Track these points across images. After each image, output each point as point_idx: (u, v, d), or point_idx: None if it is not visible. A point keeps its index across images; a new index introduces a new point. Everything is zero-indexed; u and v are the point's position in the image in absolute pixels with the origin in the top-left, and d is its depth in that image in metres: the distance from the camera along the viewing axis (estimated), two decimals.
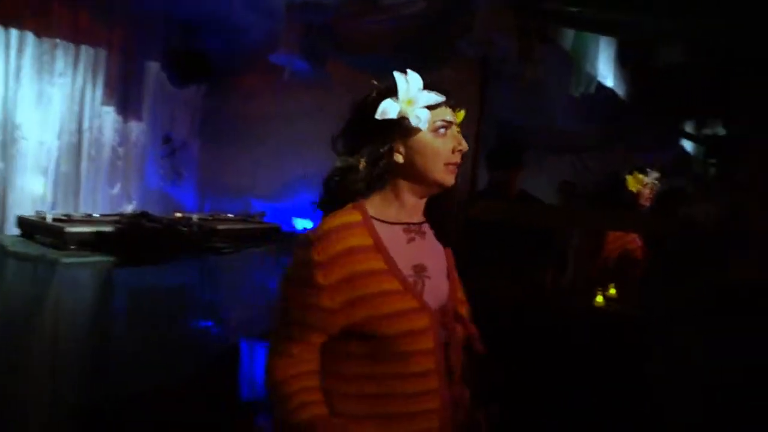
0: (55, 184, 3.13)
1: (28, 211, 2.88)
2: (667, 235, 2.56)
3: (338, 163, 1.12)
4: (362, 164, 1.10)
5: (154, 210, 3.23)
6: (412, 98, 1.09)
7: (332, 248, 1.06)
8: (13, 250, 2.36)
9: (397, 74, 1.11)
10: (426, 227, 1.19)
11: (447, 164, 1.11)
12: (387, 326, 1.05)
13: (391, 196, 1.14)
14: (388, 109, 1.09)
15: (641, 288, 2.52)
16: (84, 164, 3.22)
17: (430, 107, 1.10)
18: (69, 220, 2.59)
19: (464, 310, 1.20)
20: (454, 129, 1.13)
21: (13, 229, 2.83)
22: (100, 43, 3.23)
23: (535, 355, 2.07)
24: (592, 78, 3.01)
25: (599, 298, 2.35)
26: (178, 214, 2.90)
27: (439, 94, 1.11)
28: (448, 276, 1.19)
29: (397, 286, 1.07)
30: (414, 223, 1.16)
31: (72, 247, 2.32)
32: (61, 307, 2.19)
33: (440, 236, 1.20)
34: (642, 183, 2.84)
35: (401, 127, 1.09)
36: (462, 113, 1.20)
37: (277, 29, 2.78)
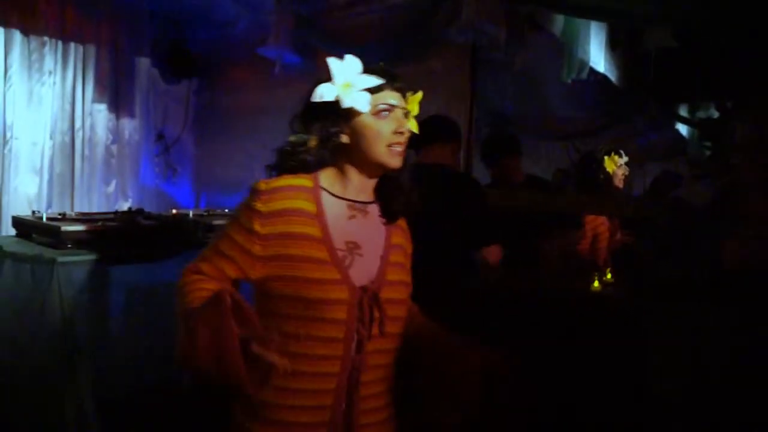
0: (50, 183, 3.13)
1: (23, 212, 2.88)
2: (665, 218, 2.58)
3: (291, 138, 1.19)
4: (312, 142, 1.17)
5: (149, 207, 3.24)
6: (348, 82, 1.14)
7: (276, 203, 1.14)
8: (10, 250, 2.37)
9: (330, 60, 1.15)
10: (372, 207, 1.24)
11: (389, 146, 1.16)
12: (305, 290, 1.11)
13: (339, 173, 1.20)
14: (324, 93, 1.15)
15: (636, 272, 2.54)
16: (78, 163, 3.22)
17: (371, 90, 1.15)
18: (64, 219, 2.59)
19: (398, 293, 1.22)
20: (399, 112, 1.17)
21: (9, 230, 2.84)
22: (89, 40, 3.22)
23: (532, 341, 2.08)
24: (583, 63, 3.01)
25: (596, 284, 2.36)
26: (174, 211, 2.90)
27: (378, 77, 1.15)
28: (384, 256, 1.22)
29: (324, 256, 1.14)
30: (359, 202, 1.21)
31: (68, 245, 2.32)
32: (59, 306, 2.20)
33: (386, 216, 1.24)
34: (617, 164, 2.90)
35: (344, 110, 1.15)
36: (417, 96, 1.24)
37: (266, 22, 2.77)
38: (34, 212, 2.74)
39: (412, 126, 1.24)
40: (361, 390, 1.17)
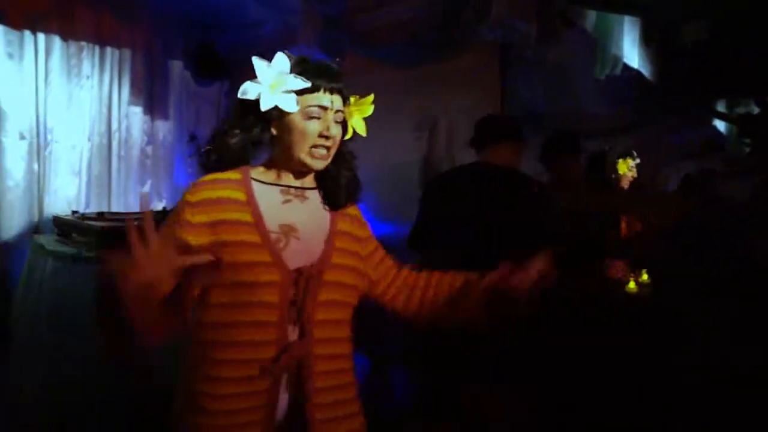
0: (88, 184, 3.22)
1: (63, 212, 2.98)
2: (703, 216, 2.51)
3: (215, 127, 1.21)
4: (235, 129, 1.18)
5: None
6: (275, 83, 1.14)
7: (204, 193, 1.16)
8: (51, 249, 2.45)
9: (255, 60, 1.15)
10: (312, 193, 1.25)
11: (312, 147, 1.17)
12: (234, 274, 1.11)
13: (272, 163, 1.22)
14: (247, 90, 1.15)
15: (671, 272, 2.48)
16: (114, 164, 3.31)
17: (304, 90, 1.15)
18: (103, 218, 2.67)
19: (346, 277, 1.21)
20: (330, 114, 1.17)
21: (50, 229, 2.93)
22: (124, 44, 3.30)
23: (568, 342, 2.06)
24: (617, 59, 2.95)
25: (632, 284, 2.32)
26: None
27: (306, 80, 1.14)
28: (328, 241, 1.21)
29: (256, 239, 1.14)
30: (295, 187, 1.22)
31: (106, 244, 2.39)
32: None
33: (329, 202, 1.25)
34: (629, 167, 2.88)
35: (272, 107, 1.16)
36: (366, 99, 1.24)
37: (294, 23, 2.79)
38: (74, 212, 2.83)
39: (357, 126, 1.25)
40: (315, 380, 1.14)
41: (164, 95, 3.49)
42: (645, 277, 2.45)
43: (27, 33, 2.99)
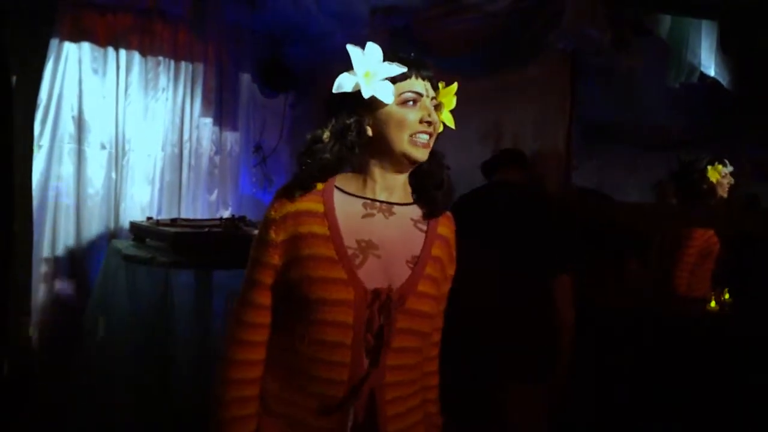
0: (161, 192, 3.37)
1: (137, 218, 3.12)
2: None
3: (307, 136, 1.15)
4: (326, 135, 1.12)
5: (247, 215, 3.40)
6: (370, 71, 1.09)
7: (285, 208, 1.11)
8: (127, 253, 2.57)
9: (350, 47, 1.10)
10: (402, 210, 1.17)
11: (412, 135, 1.10)
12: (309, 289, 1.07)
13: (359, 172, 1.16)
14: (343, 83, 1.10)
15: (758, 292, 2.32)
16: (185, 173, 3.44)
17: (396, 79, 1.10)
18: (175, 224, 2.77)
19: (426, 306, 1.14)
20: (426, 101, 1.12)
21: (126, 235, 3.08)
22: (197, 59, 3.44)
23: (645, 365, 1.96)
24: (693, 67, 2.82)
25: (713, 303, 2.19)
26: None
27: (401, 65, 1.09)
28: (418, 266, 1.13)
29: (331, 254, 1.08)
30: (380, 201, 1.15)
31: (178, 249, 2.48)
32: (167, 305, 2.34)
33: (428, 213, 1.18)
34: (721, 174, 2.71)
35: (367, 100, 1.09)
36: (452, 88, 1.18)
37: (360, 35, 2.83)
38: (148, 218, 2.96)
39: (446, 119, 1.19)
40: (387, 409, 1.09)
41: (233, 107, 3.61)
42: (727, 296, 2.31)
43: (110, 49, 3.18)
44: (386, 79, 1.09)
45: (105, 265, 2.79)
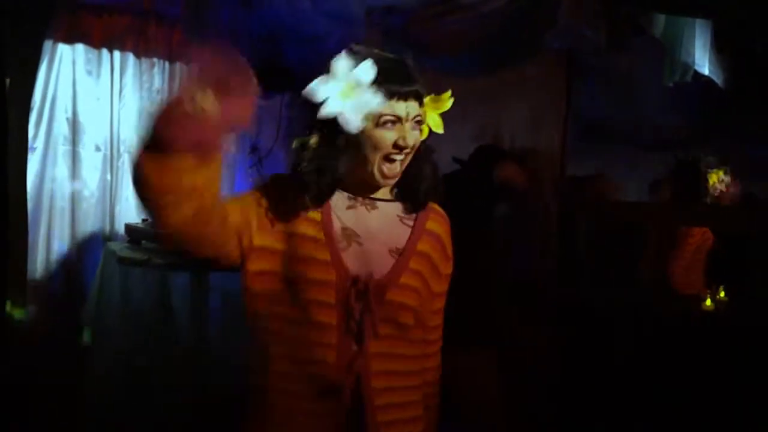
0: None
1: (133, 219, 3.11)
2: None
3: (295, 143, 1.16)
4: (314, 140, 1.11)
5: None
6: (347, 91, 1.06)
7: (277, 193, 1.14)
8: (123, 255, 2.56)
9: (337, 60, 1.08)
10: (383, 204, 1.18)
11: (384, 156, 1.10)
12: (295, 269, 1.10)
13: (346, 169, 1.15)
14: (314, 92, 1.09)
15: (753, 289, 2.33)
16: None
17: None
18: None
19: (408, 299, 1.14)
20: (406, 125, 1.10)
21: (122, 236, 3.06)
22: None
23: (640, 364, 1.97)
24: (686, 66, 2.83)
25: (708, 302, 2.19)
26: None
27: (382, 98, 1.06)
28: (401, 259, 1.15)
29: (320, 236, 1.11)
30: (364, 196, 1.17)
31: (174, 250, 2.47)
32: (164, 307, 2.34)
33: (411, 206, 1.19)
34: (720, 179, 2.72)
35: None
36: (444, 96, 1.16)
37: (356, 35, 2.83)
38: (143, 220, 2.94)
39: (434, 125, 1.18)
40: (375, 398, 1.10)
41: None
42: (722, 294, 2.32)
43: (104, 51, 3.16)
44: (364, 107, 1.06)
45: (101, 268, 2.77)
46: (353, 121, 1.06)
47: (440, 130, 1.18)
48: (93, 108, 3.16)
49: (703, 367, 1.89)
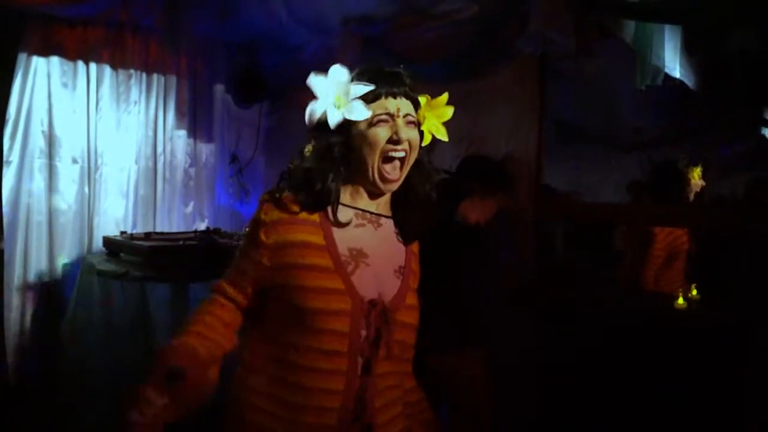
0: (135, 205, 3.33)
1: (112, 232, 3.08)
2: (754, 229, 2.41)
3: (290, 163, 1.17)
4: (308, 148, 1.15)
5: (224, 226, 3.38)
6: (337, 96, 1.10)
7: (277, 213, 1.12)
8: (101, 268, 2.53)
9: (313, 78, 1.10)
10: (387, 221, 1.19)
11: (383, 154, 1.11)
12: (306, 299, 1.07)
13: (349, 180, 1.16)
14: (313, 112, 1.11)
15: (728, 288, 2.38)
16: (160, 186, 3.41)
17: (368, 98, 1.10)
18: (149, 238, 2.75)
19: (413, 319, 1.18)
20: (399, 121, 1.11)
21: (100, 249, 3.04)
22: (170, 71, 3.42)
23: (612, 364, 1.99)
24: (657, 69, 2.89)
25: (680, 300, 2.23)
26: (247, 230, 3.01)
27: (368, 84, 1.09)
28: (402, 275, 1.17)
29: (328, 263, 1.10)
30: (372, 213, 1.17)
31: (153, 263, 2.46)
32: (143, 319, 2.32)
33: (403, 235, 1.20)
34: (699, 176, 2.78)
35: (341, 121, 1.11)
36: (441, 99, 1.18)
37: (333, 44, 2.85)
38: (122, 232, 2.93)
39: (437, 131, 1.18)
40: (376, 416, 1.11)
41: (207, 118, 3.60)
42: (695, 292, 2.35)
43: (80, 63, 3.14)
44: (357, 98, 1.09)
45: (79, 281, 2.74)
46: (359, 114, 1.09)
47: (444, 138, 1.18)
48: (69, 120, 3.13)
49: (675, 364, 1.92)
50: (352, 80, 1.12)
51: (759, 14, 2.42)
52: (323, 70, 1.13)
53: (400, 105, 1.12)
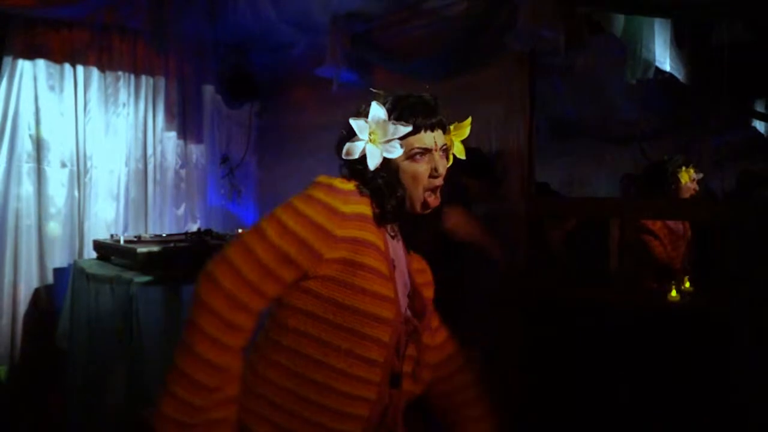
0: (126, 208, 3.31)
1: (102, 236, 3.06)
2: (743, 220, 2.41)
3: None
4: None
5: (216, 227, 3.36)
6: (375, 133, 1.10)
7: (357, 208, 1.09)
8: (91, 272, 2.52)
9: (353, 121, 1.10)
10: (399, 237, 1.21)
11: (426, 189, 1.13)
12: (364, 302, 1.04)
13: None
14: (352, 150, 1.11)
15: (720, 280, 2.38)
16: (150, 188, 3.39)
17: (402, 136, 1.11)
18: (140, 241, 2.73)
19: (429, 339, 1.22)
20: (435, 155, 1.13)
21: (91, 253, 3.02)
22: (158, 72, 3.40)
23: (607, 357, 1.99)
24: (648, 63, 2.89)
25: (673, 293, 2.23)
26: (240, 230, 2.99)
27: (406, 123, 1.10)
28: (418, 291, 1.20)
29: (385, 270, 1.09)
30: (397, 225, 1.19)
31: (144, 266, 2.44)
32: (136, 323, 2.30)
33: (407, 242, 1.22)
34: (691, 178, 2.78)
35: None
36: (464, 124, 1.20)
37: (322, 42, 2.83)
38: (112, 236, 2.91)
39: (457, 152, 1.22)
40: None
41: (197, 119, 3.58)
42: (687, 284, 2.36)
43: (67, 66, 3.12)
44: (395, 138, 1.10)
45: (70, 285, 2.73)
46: (395, 153, 1.11)
47: (462, 156, 1.22)
48: (57, 124, 3.11)
49: (667, 357, 1.92)
50: (387, 109, 1.12)
51: (748, 6, 2.42)
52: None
53: (437, 137, 1.14)
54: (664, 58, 3.05)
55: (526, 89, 2.41)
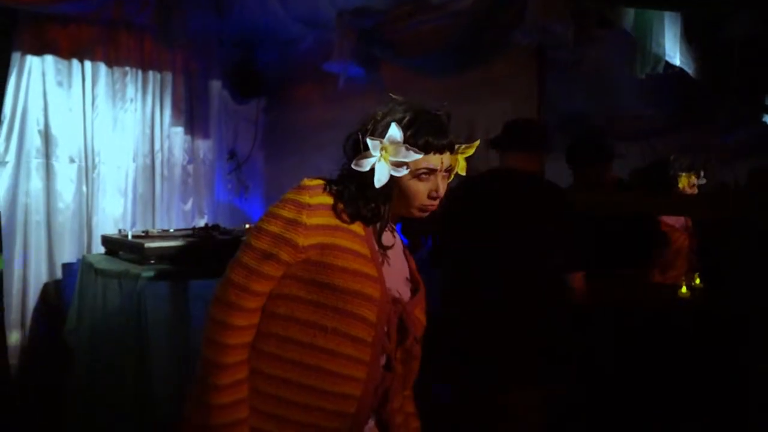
0: (134, 203, 3.33)
1: (110, 231, 3.08)
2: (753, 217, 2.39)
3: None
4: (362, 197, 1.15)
5: (224, 223, 3.37)
6: (388, 151, 1.12)
7: (323, 198, 1.13)
8: (99, 267, 2.52)
9: (369, 141, 1.12)
10: (395, 231, 1.26)
11: (420, 205, 1.16)
12: (345, 279, 1.08)
13: None
14: (362, 164, 1.12)
15: (731, 276, 2.36)
16: (158, 183, 3.40)
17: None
18: (148, 236, 2.74)
19: (420, 333, 1.22)
20: (438, 176, 1.16)
21: (99, 248, 3.03)
22: (165, 68, 3.40)
23: (620, 352, 1.98)
24: (657, 58, 2.86)
25: (683, 289, 2.22)
26: (247, 226, 3.00)
27: (418, 151, 1.12)
28: (414, 280, 1.24)
29: (365, 251, 1.12)
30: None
31: (152, 261, 2.45)
32: (144, 318, 2.31)
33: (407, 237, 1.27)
34: (690, 184, 2.75)
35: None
36: (473, 145, 1.22)
37: (329, 38, 2.83)
38: (120, 231, 2.92)
39: (461, 171, 1.23)
40: (395, 419, 1.16)
41: (204, 115, 3.58)
42: (698, 281, 2.35)
43: (75, 61, 3.12)
44: (405, 162, 1.12)
45: (79, 281, 2.74)
46: (401, 173, 1.13)
47: (463, 173, 1.24)
48: (65, 119, 3.12)
49: (680, 352, 1.91)
50: (403, 126, 1.13)
51: (758, 0, 2.39)
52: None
53: (444, 159, 1.16)
54: (674, 53, 3.02)
55: (535, 84, 2.40)
